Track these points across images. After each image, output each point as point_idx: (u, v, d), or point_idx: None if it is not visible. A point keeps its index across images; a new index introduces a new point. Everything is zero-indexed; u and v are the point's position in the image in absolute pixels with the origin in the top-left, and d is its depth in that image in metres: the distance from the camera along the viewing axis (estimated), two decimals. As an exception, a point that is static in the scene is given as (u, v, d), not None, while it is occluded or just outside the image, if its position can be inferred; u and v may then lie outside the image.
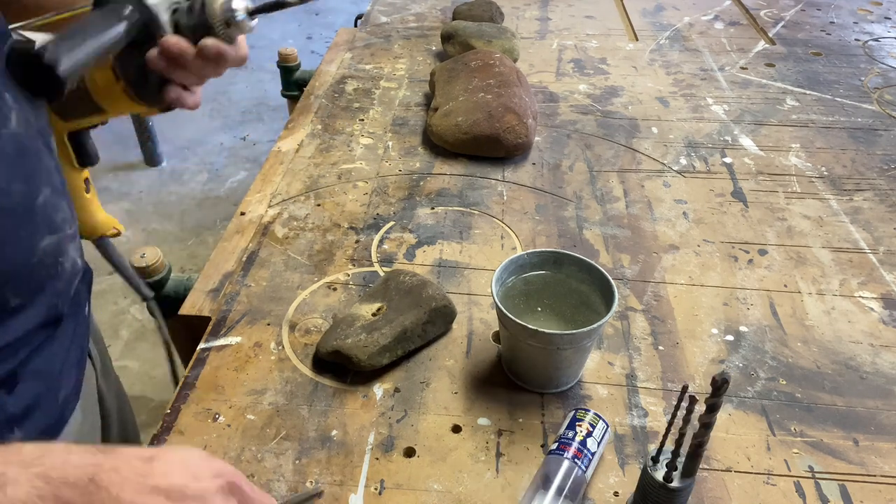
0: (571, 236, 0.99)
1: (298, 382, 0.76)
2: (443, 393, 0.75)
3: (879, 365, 0.80)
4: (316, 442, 0.69)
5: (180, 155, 2.73)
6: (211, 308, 0.85)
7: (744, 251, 0.97)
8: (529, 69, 1.47)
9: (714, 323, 0.85)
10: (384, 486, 0.65)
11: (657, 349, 0.81)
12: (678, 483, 0.57)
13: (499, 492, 0.65)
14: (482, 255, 0.95)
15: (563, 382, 0.75)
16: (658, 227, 1.01)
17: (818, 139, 1.24)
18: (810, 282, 0.92)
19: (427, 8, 1.78)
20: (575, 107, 1.33)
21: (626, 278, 0.91)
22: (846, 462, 0.69)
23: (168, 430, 0.70)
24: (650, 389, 0.76)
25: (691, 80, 1.44)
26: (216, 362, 0.78)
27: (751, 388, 0.76)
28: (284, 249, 0.95)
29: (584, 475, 0.63)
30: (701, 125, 1.28)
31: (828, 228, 1.02)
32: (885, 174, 1.15)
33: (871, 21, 1.75)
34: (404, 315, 0.77)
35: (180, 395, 0.74)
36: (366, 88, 1.38)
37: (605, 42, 1.61)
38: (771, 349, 0.81)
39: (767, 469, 0.68)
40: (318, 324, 0.83)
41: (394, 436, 0.70)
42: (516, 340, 0.72)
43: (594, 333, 0.70)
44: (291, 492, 0.64)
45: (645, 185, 1.11)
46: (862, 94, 1.40)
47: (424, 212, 1.03)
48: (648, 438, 0.71)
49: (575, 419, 0.67)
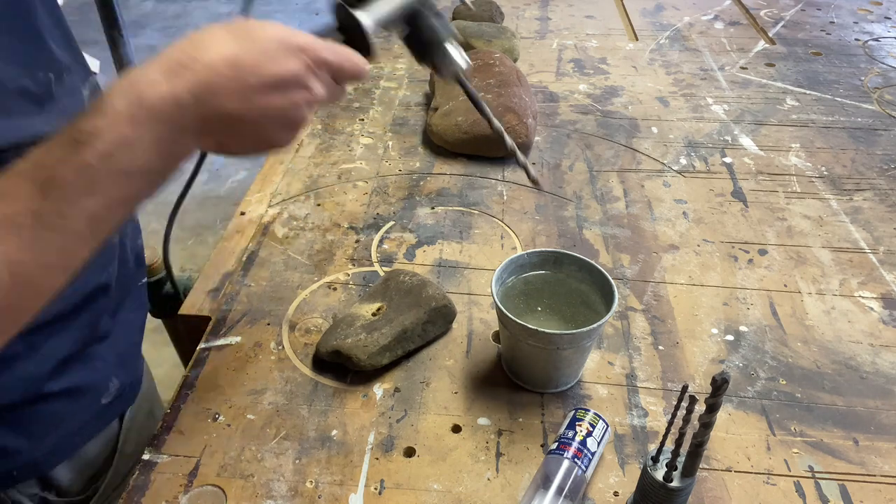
0: (571, 236, 0.99)
1: (298, 382, 0.76)
2: (443, 393, 0.75)
3: (879, 365, 0.80)
4: (316, 442, 0.69)
5: (180, 155, 2.72)
6: (211, 308, 0.85)
7: (744, 251, 0.97)
8: (529, 69, 1.47)
9: (714, 323, 0.85)
10: (384, 485, 0.65)
11: (657, 349, 0.81)
12: (678, 483, 0.57)
13: (499, 491, 0.65)
14: (482, 254, 0.95)
15: (563, 382, 0.75)
16: (658, 227, 1.01)
17: (818, 139, 1.24)
18: (810, 282, 0.92)
19: (427, 8, 1.78)
20: (575, 107, 1.33)
21: (626, 278, 0.91)
22: (846, 462, 0.69)
23: (168, 429, 0.70)
24: (650, 389, 0.76)
25: (691, 79, 1.44)
26: (216, 362, 0.78)
27: (751, 388, 0.76)
28: (284, 249, 0.95)
29: (584, 475, 0.63)
30: (701, 125, 1.28)
31: (828, 228, 1.02)
32: (885, 174, 1.15)
33: (871, 21, 1.75)
34: (404, 315, 0.77)
35: (180, 395, 0.74)
36: (366, 88, 1.38)
37: (605, 42, 1.61)
38: (771, 349, 0.81)
39: (767, 469, 0.68)
40: (318, 324, 0.83)
41: (394, 436, 0.70)
42: (516, 340, 0.72)
43: (594, 333, 0.70)
44: (291, 491, 0.64)
45: (645, 184, 1.10)
46: (862, 93, 1.40)
47: (424, 212, 1.03)
48: (648, 438, 0.71)
49: (575, 419, 0.67)
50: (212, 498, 0.64)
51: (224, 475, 0.66)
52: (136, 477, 0.65)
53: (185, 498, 0.64)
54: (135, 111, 0.42)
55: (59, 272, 0.44)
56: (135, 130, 0.42)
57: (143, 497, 0.64)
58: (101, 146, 0.41)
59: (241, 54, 0.45)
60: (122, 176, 0.42)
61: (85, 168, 0.41)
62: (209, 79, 0.44)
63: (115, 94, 0.42)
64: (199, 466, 0.66)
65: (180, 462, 0.67)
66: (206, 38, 0.45)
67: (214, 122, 0.46)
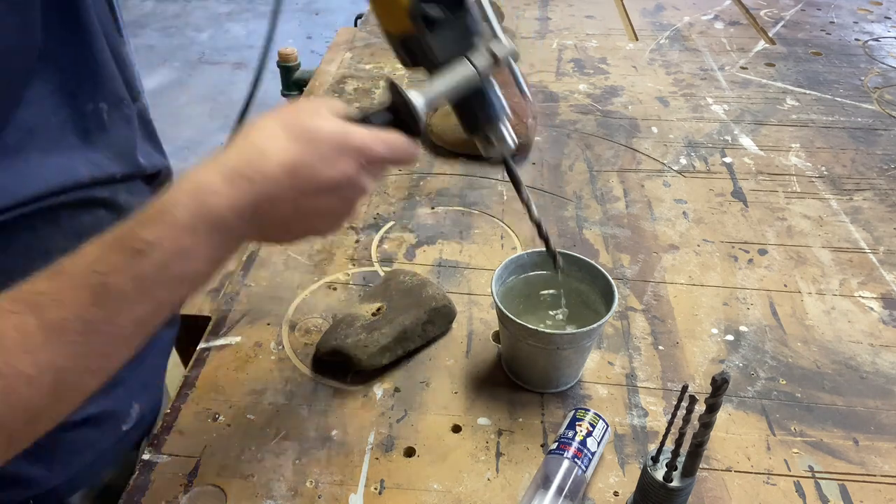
0: (571, 236, 0.99)
1: (298, 382, 0.76)
2: (443, 393, 0.75)
3: (879, 365, 0.80)
4: (316, 442, 0.69)
5: (180, 155, 2.73)
6: (211, 308, 0.85)
7: (744, 251, 0.97)
8: (529, 69, 1.47)
9: (714, 323, 0.85)
10: (384, 485, 0.65)
11: (657, 349, 0.81)
12: (678, 483, 0.57)
13: (499, 491, 0.65)
14: (482, 254, 0.95)
15: (563, 382, 0.75)
16: (658, 227, 1.01)
17: (818, 139, 1.24)
18: (810, 282, 0.92)
19: (427, 8, 1.78)
20: (575, 107, 1.33)
21: (626, 278, 0.91)
22: (846, 462, 0.69)
23: (168, 429, 0.70)
24: (650, 389, 0.76)
25: (691, 79, 1.44)
26: (216, 362, 0.78)
27: (751, 388, 0.76)
28: (284, 249, 0.95)
29: (584, 475, 0.63)
30: (701, 125, 1.28)
31: (828, 228, 1.02)
32: (885, 174, 1.15)
33: (871, 21, 1.75)
34: (404, 315, 0.77)
35: (180, 395, 0.74)
36: (366, 88, 1.38)
37: (605, 42, 1.61)
38: (771, 349, 0.81)
39: (767, 469, 0.68)
40: (318, 324, 0.83)
41: (394, 435, 0.70)
42: (516, 340, 0.72)
43: (594, 333, 0.70)
44: (291, 491, 0.64)
45: (645, 184, 1.10)
46: (862, 93, 1.40)
47: (424, 211, 1.03)
48: (648, 438, 0.71)
49: (575, 419, 0.67)
50: (212, 498, 0.64)
51: (224, 475, 0.66)
52: (136, 477, 0.65)
53: (185, 498, 0.64)
54: (196, 223, 0.42)
55: (99, 375, 0.43)
56: (193, 241, 0.42)
57: (144, 497, 0.64)
58: (160, 256, 0.41)
59: (300, 161, 0.45)
60: (174, 282, 0.42)
61: (141, 277, 0.41)
62: (269, 190, 0.44)
63: (177, 200, 0.42)
64: (199, 466, 0.66)
65: (180, 462, 0.67)
66: (266, 141, 0.45)
67: (267, 225, 0.46)
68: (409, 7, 0.52)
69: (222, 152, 0.45)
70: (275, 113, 0.48)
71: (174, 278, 0.42)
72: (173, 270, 0.42)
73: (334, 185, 0.47)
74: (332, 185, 0.47)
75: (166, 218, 0.41)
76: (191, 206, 0.42)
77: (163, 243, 0.41)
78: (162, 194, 0.43)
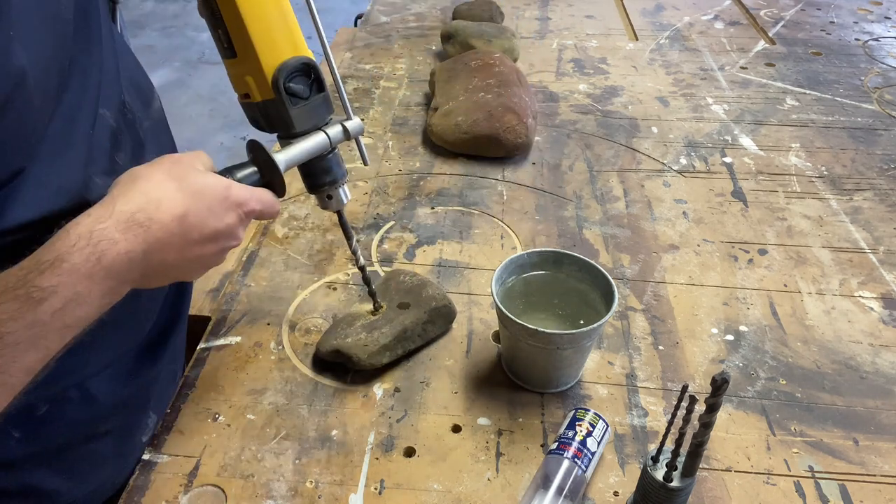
0: (571, 236, 0.99)
1: (298, 382, 0.76)
2: (443, 393, 0.75)
3: (879, 365, 0.80)
4: (316, 442, 0.69)
5: (180, 155, 2.72)
6: (211, 308, 0.85)
7: (744, 251, 0.97)
8: (529, 69, 1.47)
9: (714, 323, 0.85)
10: (384, 485, 0.65)
11: (657, 349, 0.81)
12: (678, 483, 0.57)
13: (499, 491, 0.65)
14: (482, 254, 0.95)
15: (563, 382, 0.75)
16: (658, 227, 1.01)
17: (818, 139, 1.24)
18: (810, 281, 0.92)
19: (427, 8, 1.78)
20: (575, 106, 1.33)
21: (626, 278, 0.91)
22: (846, 462, 0.69)
23: (168, 429, 0.70)
24: (650, 389, 0.76)
25: (691, 79, 1.44)
26: (216, 362, 0.78)
27: (751, 388, 0.76)
28: (284, 249, 0.95)
29: (584, 475, 0.63)
30: (701, 125, 1.28)
31: (828, 228, 1.02)
32: (885, 174, 1.15)
33: (871, 21, 1.75)
34: (404, 315, 0.77)
35: (180, 395, 0.74)
36: (366, 88, 1.38)
37: (605, 42, 1.61)
38: (771, 349, 0.81)
39: (767, 469, 0.68)
40: (318, 323, 0.83)
41: (394, 435, 0.70)
42: (516, 340, 0.72)
43: (594, 333, 0.70)
44: (291, 491, 0.64)
45: (645, 184, 1.10)
46: (862, 93, 1.40)
47: (424, 211, 1.03)
48: (648, 438, 0.71)
49: (575, 419, 0.67)
50: (212, 498, 0.64)
51: (224, 475, 0.66)
52: (136, 477, 0.65)
53: (185, 498, 0.64)
54: (92, 269, 0.43)
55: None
56: (89, 287, 0.43)
57: (143, 497, 0.64)
58: (56, 303, 0.42)
59: (190, 211, 0.49)
60: (66, 329, 0.43)
61: (36, 325, 0.41)
62: (161, 237, 0.47)
63: (72, 248, 0.43)
64: (199, 466, 0.66)
65: (180, 462, 0.67)
66: (159, 192, 0.48)
67: (150, 271, 0.48)
68: (273, 79, 0.59)
69: (111, 199, 0.47)
70: (157, 165, 0.51)
71: (67, 325, 0.43)
72: (67, 317, 0.43)
73: (217, 235, 0.52)
74: (216, 234, 0.52)
75: (63, 265, 0.42)
76: (87, 253, 0.43)
77: (59, 290, 0.42)
78: (52, 242, 0.44)
